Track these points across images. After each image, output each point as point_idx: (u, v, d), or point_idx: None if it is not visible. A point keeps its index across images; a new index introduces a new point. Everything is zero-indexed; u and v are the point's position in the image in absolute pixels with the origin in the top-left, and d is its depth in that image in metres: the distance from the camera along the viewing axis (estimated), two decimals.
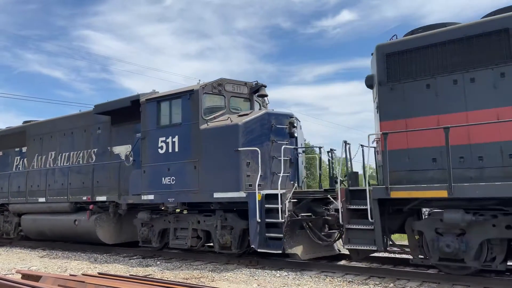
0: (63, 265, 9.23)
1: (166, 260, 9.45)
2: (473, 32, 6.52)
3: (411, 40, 7.14)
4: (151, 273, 7.89)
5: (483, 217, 6.10)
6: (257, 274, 7.56)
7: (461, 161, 6.42)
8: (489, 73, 6.34)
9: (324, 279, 6.97)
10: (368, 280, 6.82)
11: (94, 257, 10.33)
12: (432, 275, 6.72)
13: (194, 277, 7.38)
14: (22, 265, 9.39)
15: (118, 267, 8.79)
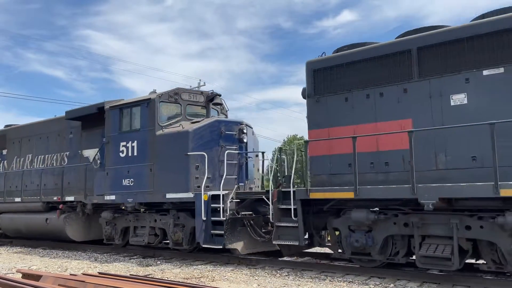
0: (63, 265, 9.30)
1: (166, 259, 9.61)
2: (383, 52, 7.43)
3: (333, 58, 8.05)
4: (151, 273, 7.92)
5: (385, 215, 7.00)
6: (257, 274, 7.64)
7: (371, 166, 7.33)
8: (394, 88, 7.25)
9: (324, 279, 7.05)
10: (368, 280, 6.87)
11: (94, 256, 10.46)
12: (432, 276, 6.74)
13: (194, 277, 7.42)
14: (22, 265, 9.44)
15: (118, 266, 8.86)
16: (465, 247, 6.41)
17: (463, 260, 6.45)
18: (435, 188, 6.31)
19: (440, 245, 6.45)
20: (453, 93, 6.70)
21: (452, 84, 6.72)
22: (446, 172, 6.62)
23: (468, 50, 6.62)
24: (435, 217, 6.57)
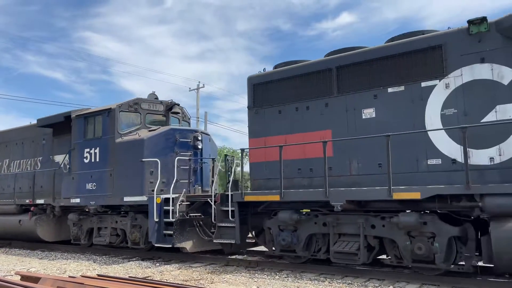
0: (62, 267, 9.31)
1: (165, 262, 9.66)
2: (310, 70, 8.36)
3: (270, 74, 8.97)
4: (150, 275, 7.96)
5: (307, 216, 7.90)
6: (257, 276, 7.68)
7: (299, 172, 8.24)
8: (318, 103, 8.17)
9: (323, 281, 7.09)
10: (367, 282, 6.92)
11: (93, 259, 10.47)
12: (432, 278, 6.74)
13: (194, 279, 7.45)
14: (21, 267, 9.44)
15: (117, 269, 8.88)
16: (372, 244, 7.31)
17: (371, 255, 7.34)
18: (343, 191, 7.23)
19: (350, 242, 7.35)
20: (364, 108, 7.63)
21: (364, 99, 7.64)
22: (358, 178, 7.54)
23: (376, 70, 7.55)
24: (346, 217, 7.48)
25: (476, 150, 6.50)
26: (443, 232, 6.49)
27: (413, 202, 6.77)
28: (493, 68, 6.47)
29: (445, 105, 6.84)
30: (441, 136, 6.79)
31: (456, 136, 6.60)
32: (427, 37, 7.14)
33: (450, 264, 6.56)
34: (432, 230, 6.58)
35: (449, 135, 6.74)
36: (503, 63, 6.39)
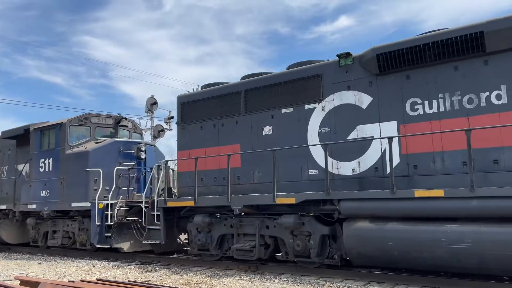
0: (61, 272, 9.37)
1: (165, 266, 9.76)
2: (225, 92, 9.75)
3: (194, 94, 10.38)
4: (150, 279, 8.02)
5: (218, 219, 9.26)
6: (256, 279, 7.75)
7: (215, 180, 9.61)
8: (230, 120, 9.57)
9: (323, 284, 7.13)
10: (367, 285, 6.98)
11: (92, 263, 10.58)
12: (432, 280, 6.79)
13: (193, 283, 7.50)
14: (20, 271, 9.50)
15: (117, 273, 8.96)
16: (268, 242, 8.67)
17: (267, 252, 8.68)
18: (241, 197, 8.60)
19: (250, 240, 8.71)
20: (264, 126, 9.03)
21: (264, 118, 9.05)
22: (260, 185, 8.90)
23: (274, 94, 8.96)
24: (247, 219, 8.84)
25: (343, 163, 7.91)
26: (317, 231, 7.86)
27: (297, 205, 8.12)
28: (355, 95, 7.89)
29: (322, 124, 8.25)
30: (318, 150, 8.18)
31: (328, 151, 8.00)
32: (310, 67, 8.56)
33: (324, 258, 7.92)
34: (308, 229, 7.95)
35: (323, 150, 8.12)
36: (362, 91, 7.82)
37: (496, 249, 5.86)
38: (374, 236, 6.90)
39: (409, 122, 7.29)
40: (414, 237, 6.50)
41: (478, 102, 6.68)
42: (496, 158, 6.46)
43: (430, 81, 7.13)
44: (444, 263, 6.36)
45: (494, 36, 6.46)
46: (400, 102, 7.39)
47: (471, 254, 6.05)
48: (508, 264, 5.84)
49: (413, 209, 6.63)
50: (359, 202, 7.17)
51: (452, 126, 6.77)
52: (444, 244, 6.22)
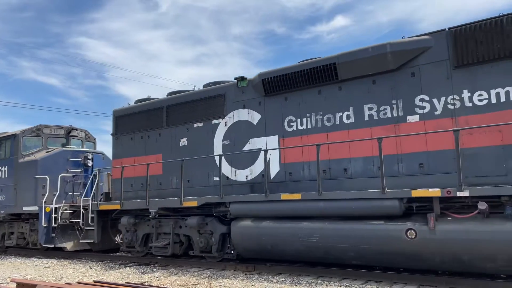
0: (58, 274, 9.42)
1: (162, 267, 9.86)
2: (150, 107, 11.20)
3: (127, 108, 11.83)
4: (147, 281, 8.10)
5: (142, 220, 10.69)
6: (254, 280, 7.82)
7: (142, 186, 11.04)
8: (155, 133, 11.02)
9: (321, 284, 7.21)
10: (365, 284, 7.06)
11: (89, 265, 10.69)
12: (429, 278, 6.91)
13: (191, 284, 7.56)
14: (17, 274, 9.52)
15: (114, 274, 9.03)
16: (183, 240, 10.11)
17: (181, 249, 10.09)
18: (156, 201, 10.04)
19: (166, 239, 10.15)
20: (181, 138, 10.49)
21: (180, 131, 10.51)
22: (176, 190, 10.32)
23: (188, 110, 10.41)
24: (165, 220, 10.27)
25: (239, 170, 9.38)
26: (217, 230, 9.30)
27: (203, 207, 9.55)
28: (249, 112, 9.36)
29: (224, 137, 9.72)
30: (222, 160, 9.63)
31: (229, 160, 9.48)
32: (216, 87, 10.04)
33: (223, 254, 9.37)
34: (211, 228, 9.39)
35: (225, 159, 9.60)
36: (254, 109, 9.29)
37: (337, 242, 7.33)
38: (253, 233, 8.37)
39: (287, 137, 8.77)
40: (280, 233, 7.97)
41: (334, 120, 8.17)
42: (346, 167, 7.95)
43: (301, 102, 8.62)
44: (302, 254, 7.83)
45: (343, 67, 7.96)
46: (280, 120, 8.87)
47: (319, 246, 7.52)
48: (345, 253, 7.31)
49: (281, 210, 8.09)
50: (243, 204, 8.63)
51: (316, 140, 8.23)
52: (300, 239, 7.69)
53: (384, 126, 7.60)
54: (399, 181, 7.28)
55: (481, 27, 6.73)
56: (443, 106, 7.04)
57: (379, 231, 6.90)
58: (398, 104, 7.49)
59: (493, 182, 6.41)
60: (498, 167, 6.46)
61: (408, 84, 7.41)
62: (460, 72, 6.93)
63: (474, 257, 6.14)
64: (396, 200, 6.81)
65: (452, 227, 6.31)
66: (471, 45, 6.81)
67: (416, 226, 6.56)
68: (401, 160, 7.39)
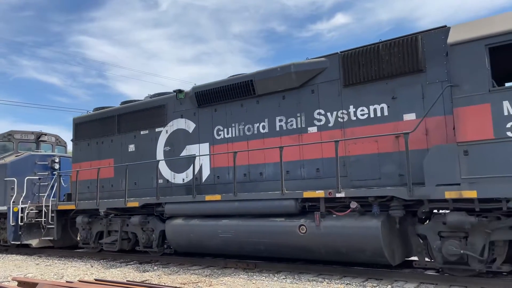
0: (59, 272, 9.54)
1: (163, 265, 9.98)
2: (106, 116, 12.37)
3: (84, 116, 13.01)
4: (148, 279, 8.16)
5: (95, 219, 11.85)
6: (255, 277, 7.93)
7: (102, 188, 12.21)
8: (107, 139, 12.20)
9: (321, 281, 7.30)
10: (365, 282, 7.13)
11: (90, 263, 10.84)
12: (430, 276, 7.04)
13: (192, 282, 7.64)
14: (18, 272, 9.61)
15: (115, 273, 9.14)
16: (130, 237, 11.28)
17: (130, 244, 11.26)
18: (105, 202, 11.21)
19: (115, 236, 11.32)
20: (129, 144, 11.66)
21: (129, 138, 11.68)
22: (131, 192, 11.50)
23: (136, 118, 11.59)
24: (114, 219, 11.44)
25: (177, 174, 10.56)
26: (157, 227, 10.48)
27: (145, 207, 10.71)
28: (186, 122, 10.54)
29: (165, 144, 10.90)
30: (163, 164, 10.82)
31: (169, 165, 10.66)
32: (159, 98, 11.22)
33: (163, 249, 10.54)
34: (152, 226, 10.58)
35: (166, 163, 10.78)
36: (190, 119, 10.47)
37: (248, 237, 8.51)
38: (183, 230, 9.55)
39: (216, 144, 9.96)
40: (204, 230, 9.15)
41: (253, 130, 9.35)
42: (261, 171, 9.13)
43: (228, 114, 9.80)
44: (221, 248, 9.01)
45: (259, 84, 9.14)
46: (211, 129, 10.05)
47: (234, 241, 8.70)
48: (255, 247, 8.49)
49: (205, 209, 9.27)
50: (175, 204, 9.81)
51: (239, 147, 9.42)
52: (220, 234, 8.87)
53: (291, 135, 8.78)
54: (302, 183, 8.46)
55: (363, 52, 7.92)
56: (335, 119, 8.23)
57: (280, 227, 8.08)
58: (301, 117, 8.67)
59: (371, 184, 7.60)
60: (374, 171, 7.64)
61: (309, 99, 8.59)
62: (348, 90, 8.11)
63: (349, 249, 7.33)
64: (293, 200, 8.00)
65: (332, 223, 7.49)
66: (355, 68, 7.99)
67: (307, 222, 7.73)
68: (303, 166, 8.57)
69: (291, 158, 8.58)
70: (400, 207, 7.00)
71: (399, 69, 7.52)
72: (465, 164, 6.22)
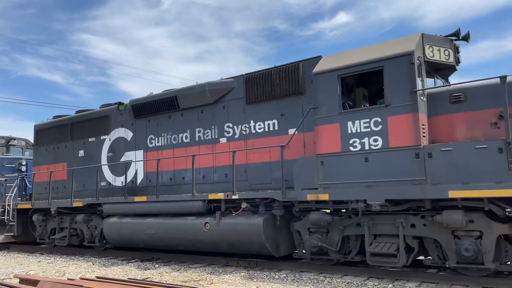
0: (61, 269, 9.65)
1: (164, 263, 10.11)
2: (61, 123, 13.79)
3: (45, 124, 14.45)
4: (150, 276, 8.28)
5: (50, 216, 13.26)
6: (256, 276, 8.02)
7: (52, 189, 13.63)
8: (62, 145, 13.62)
9: (323, 280, 7.37)
10: (367, 281, 7.19)
11: (92, 261, 10.96)
12: (431, 275, 7.10)
13: (193, 280, 7.74)
14: (20, 270, 9.73)
15: (117, 270, 9.24)
16: (78, 233, 12.68)
17: (78, 240, 12.68)
18: (55, 202, 12.63)
19: (65, 232, 12.73)
20: (79, 149, 13.09)
21: (79, 144, 13.11)
22: (78, 192, 12.91)
23: (85, 127, 13.02)
24: (65, 217, 12.85)
25: (117, 177, 11.99)
26: (99, 225, 11.85)
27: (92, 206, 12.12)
28: (125, 131, 11.97)
29: (109, 150, 12.33)
30: (106, 168, 12.24)
31: (111, 169, 12.08)
32: (104, 109, 12.66)
33: (104, 244, 11.96)
34: (94, 224, 11.98)
35: (108, 168, 12.20)
36: (128, 128, 11.91)
37: (167, 233, 9.93)
38: (116, 227, 10.97)
39: (149, 151, 11.39)
40: (133, 227, 10.57)
41: (178, 139, 10.79)
42: (183, 176, 10.56)
43: (158, 124, 11.23)
44: (148, 243, 10.43)
45: (182, 99, 10.58)
46: (145, 137, 11.49)
47: (157, 237, 10.12)
48: (172, 242, 9.90)
49: (135, 209, 10.70)
50: (111, 204, 11.24)
51: (167, 154, 10.85)
52: (145, 231, 10.29)
53: (207, 145, 10.22)
54: (214, 187, 9.89)
55: (261, 75, 9.36)
56: (240, 131, 9.67)
57: (190, 225, 9.50)
58: (215, 129, 10.11)
59: (265, 188, 9.01)
60: (267, 177, 9.07)
61: (220, 114, 10.03)
62: (250, 107, 9.55)
63: (242, 242, 8.75)
64: (201, 201, 9.42)
65: (229, 221, 8.92)
66: (255, 88, 9.43)
67: (210, 220, 9.16)
68: (215, 171, 10.01)
69: (206, 164, 10.02)
70: (281, 207, 8.41)
71: (286, 91, 8.96)
72: (321, 172, 7.65)
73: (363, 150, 7.24)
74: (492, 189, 6.06)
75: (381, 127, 7.10)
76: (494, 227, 6.41)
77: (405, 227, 7.12)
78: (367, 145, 7.22)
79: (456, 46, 7.74)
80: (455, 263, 6.69)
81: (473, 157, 6.25)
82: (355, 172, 7.29)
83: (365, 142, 7.24)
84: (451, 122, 7.02)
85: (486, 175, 6.13)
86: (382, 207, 7.10)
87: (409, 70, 6.89)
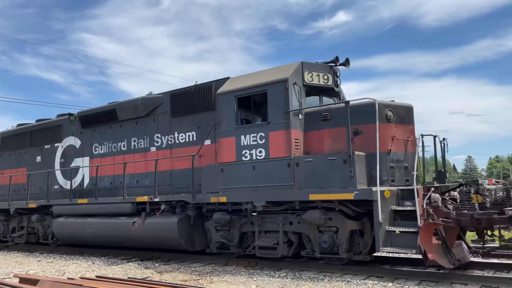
0: (61, 269, 9.72)
1: (164, 262, 10.20)
2: (22, 131, 15.09)
3: (8, 131, 15.77)
4: (149, 276, 8.34)
5: (11, 216, 14.55)
6: (256, 275, 8.09)
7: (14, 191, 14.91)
8: (23, 151, 14.92)
9: (322, 279, 7.44)
10: (366, 280, 7.25)
11: (92, 260, 11.09)
12: (430, 274, 7.18)
13: (193, 279, 7.80)
14: (19, 269, 9.79)
15: (116, 270, 9.30)
16: (35, 231, 13.96)
17: (35, 238, 13.96)
18: (14, 203, 13.94)
19: (23, 231, 14.01)
20: (37, 156, 14.40)
21: (37, 151, 14.42)
22: (33, 195, 14.17)
23: (40, 136, 14.32)
24: (24, 216, 14.13)
25: (68, 181, 13.30)
26: (51, 224, 13.19)
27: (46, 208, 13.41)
28: (75, 139, 13.30)
29: (61, 157, 13.65)
30: (59, 173, 13.55)
31: (63, 174, 13.40)
32: (57, 119, 14.00)
33: (57, 241, 13.26)
34: (48, 223, 13.29)
35: (61, 172, 13.51)
36: (77, 137, 13.24)
37: (103, 231, 11.26)
38: (64, 226, 12.30)
39: (94, 158, 12.73)
40: (77, 226, 11.90)
41: (117, 148, 12.13)
42: (121, 180, 11.87)
43: (101, 134, 12.58)
44: (89, 240, 11.78)
45: (120, 111, 11.92)
46: (91, 145, 12.83)
47: (96, 235, 11.45)
48: (108, 239, 11.23)
49: (78, 210, 12.03)
50: (59, 206, 12.58)
51: (108, 161, 12.18)
52: (86, 230, 11.62)
53: (140, 153, 11.58)
54: (147, 190, 11.21)
55: (183, 92, 10.72)
56: (166, 141, 11.03)
57: (121, 224, 10.84)
58: (147, 139, 11.47)
59: (185, 192, 10.32)
60: (187, 182, 10.40)
61: (151, 126, 11.39)
62: (174, 120, 10.91)
63: (162, 239, 10.09)
64: (130, 203, 10.77)
65: (152, 221, 10.26)
66: (178, 103, 10.80)
67: (137, 220, 10.50)
68: (146, 177, 11.35)
69: (139, 170, 11.37)
70: (194, 208, 9.76)
71: (202, 107, 10.33)
72: (222, 178, 9.03)
73: (252, 160, 8.63)
74: (339, 193, 7.47)
75: (264, 140, 8.49)
76: (347, 224, 7.80)
77: (285, 224, 8.50)
78: (254, 155, 8.60)
79: (335, 71, 9.12)
80: (319, 254, 8.07)
81: (326, 167, 7.65)
82: (246, 178, 8.67)
83: (253, 153, 8.63)
84: (321, 136, 8.42)
85: (335, 182, 7.54)
86: (266, 207, 8.48)
87: (285, 94, 8.29)
